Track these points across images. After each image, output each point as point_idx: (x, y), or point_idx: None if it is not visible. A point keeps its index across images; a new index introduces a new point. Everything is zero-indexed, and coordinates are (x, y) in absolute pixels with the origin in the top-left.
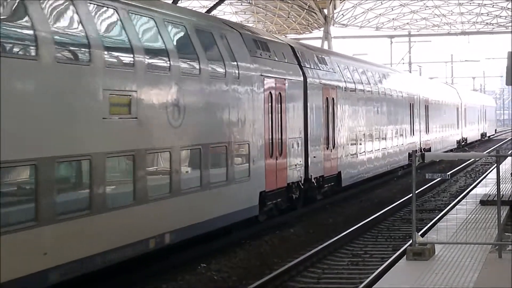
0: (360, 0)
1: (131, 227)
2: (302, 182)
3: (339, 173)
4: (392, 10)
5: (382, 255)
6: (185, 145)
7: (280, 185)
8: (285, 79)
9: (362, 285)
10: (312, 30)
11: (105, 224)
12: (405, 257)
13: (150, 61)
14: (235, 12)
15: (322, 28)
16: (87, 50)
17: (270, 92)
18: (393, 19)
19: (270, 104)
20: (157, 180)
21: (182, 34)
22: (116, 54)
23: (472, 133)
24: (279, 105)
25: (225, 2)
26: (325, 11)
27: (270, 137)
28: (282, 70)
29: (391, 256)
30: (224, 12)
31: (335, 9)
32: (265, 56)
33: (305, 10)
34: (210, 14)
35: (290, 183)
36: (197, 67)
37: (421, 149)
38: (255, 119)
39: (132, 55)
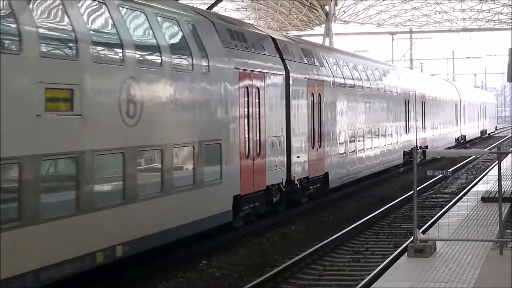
0: None
1: (73, 240)
2: (284, 184)
3: (327, 173)
4: (393, 7)
5: (383, 252)
6: (142, 145)
7: (258, 188)
8: (264, 73)
9: (363, 282)
10: (314, 27)
11: (38, 237)
12: (406, 254)
13: (99, 51)
14: (237, 8)
15: (324, 25)
16: (17, 38)
17: (247, 87)
18: (394, 15)
19: (246, 100)
20: (108, 186)
21: (140, 21)
22: (53, 43)
23: (471, 131)
24: (257, 101)
25: None
26: (327, 7)
27: (247, 136)
28: (261, 63)
29: (393, 253)
30: (225, 9)
31: (336, 5)
32: (241, 47)
33: (307, 7)
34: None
35: (270, 185)
36: (158, 58)
37: (417, 147)
38: (229, 116)
39: (75, 44)
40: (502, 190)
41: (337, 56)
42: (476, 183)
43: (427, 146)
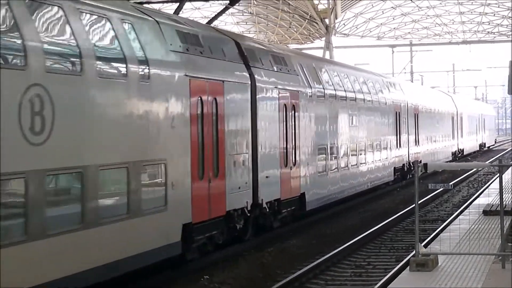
0: (361, 10)
1: None
2: (249, 208)
3: (303, 194)
4: (393, 20)
5: (385, 266)
6: (53, 168)
7: (216, 214)
8: (222, 81)
9: None
10: (314, 40)
11: None
12: (408, 268)
13: None
14: (237, 22)
15: (324, 38)
16: None
17: (200, 98)
18: (394, 28)
19: (199, 112)
20: (7, 218)
21: (54, 17)
22: None
23: (469, 144)
24: (214, 113)
25: (227, 12)
26: (327, 21)
27: (200, 153)
28: (219, 70)
29: (394, 267)
30: (225, 23)
31: (336, 19)
32: (193, 52)
33: (307, 20)
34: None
35: (231, 210)
36: (78, 62)
37: (408, 162)
38: (176, 131)
39: None
40: (504, 203)
41: (315, 64)
42: (478, 196)
43: (420, 161)
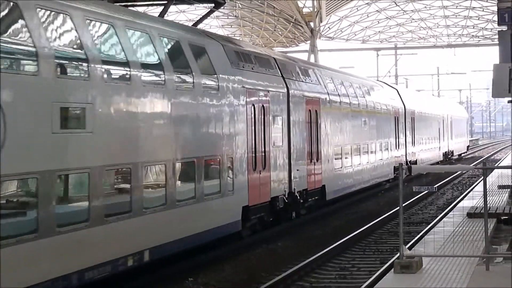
0: (346, 13)
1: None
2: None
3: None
4: (378, 23)
5: (369, 268)
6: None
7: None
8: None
9: None
10: (299, 43)
11: None
12: (392, 270)
13: None
14: (222, 25)
15: (309, 41)
16: None
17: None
18: (379, 32)
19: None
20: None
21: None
22: None
23: (427, 154)
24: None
25: (212, 15)
26: (312, 24)
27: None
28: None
29: (379, 269)
30: (210, 26)
31: (321, 22)
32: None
33: (292, 23)
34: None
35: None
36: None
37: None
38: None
39: None
40: (488, 205)
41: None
42: (462, 199)
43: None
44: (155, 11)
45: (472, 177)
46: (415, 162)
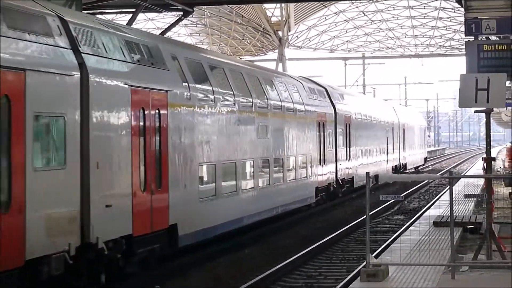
0: (314, 23)
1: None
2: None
3: (352, 177)
4: (346, 33)
5: (336, 276)
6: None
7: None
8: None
9: None
10: (267, 52)
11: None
12: (359, 278)
13: None
14: (190, 33)
15: (277, 50)
16: None
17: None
18: (347, 41)
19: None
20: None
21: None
22: None
23: (369, 169)
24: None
25: (180, 24)
26: (280, 33)
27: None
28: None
29: (345, 278)
30: (179, 34)
31: (289, 31)
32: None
33: (260, 32)
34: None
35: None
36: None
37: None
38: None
39: None
40: (454, 214)
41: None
42: (428, 208)
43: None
44: (123, 19)
45: (439, 186)
46: (351, 180)
